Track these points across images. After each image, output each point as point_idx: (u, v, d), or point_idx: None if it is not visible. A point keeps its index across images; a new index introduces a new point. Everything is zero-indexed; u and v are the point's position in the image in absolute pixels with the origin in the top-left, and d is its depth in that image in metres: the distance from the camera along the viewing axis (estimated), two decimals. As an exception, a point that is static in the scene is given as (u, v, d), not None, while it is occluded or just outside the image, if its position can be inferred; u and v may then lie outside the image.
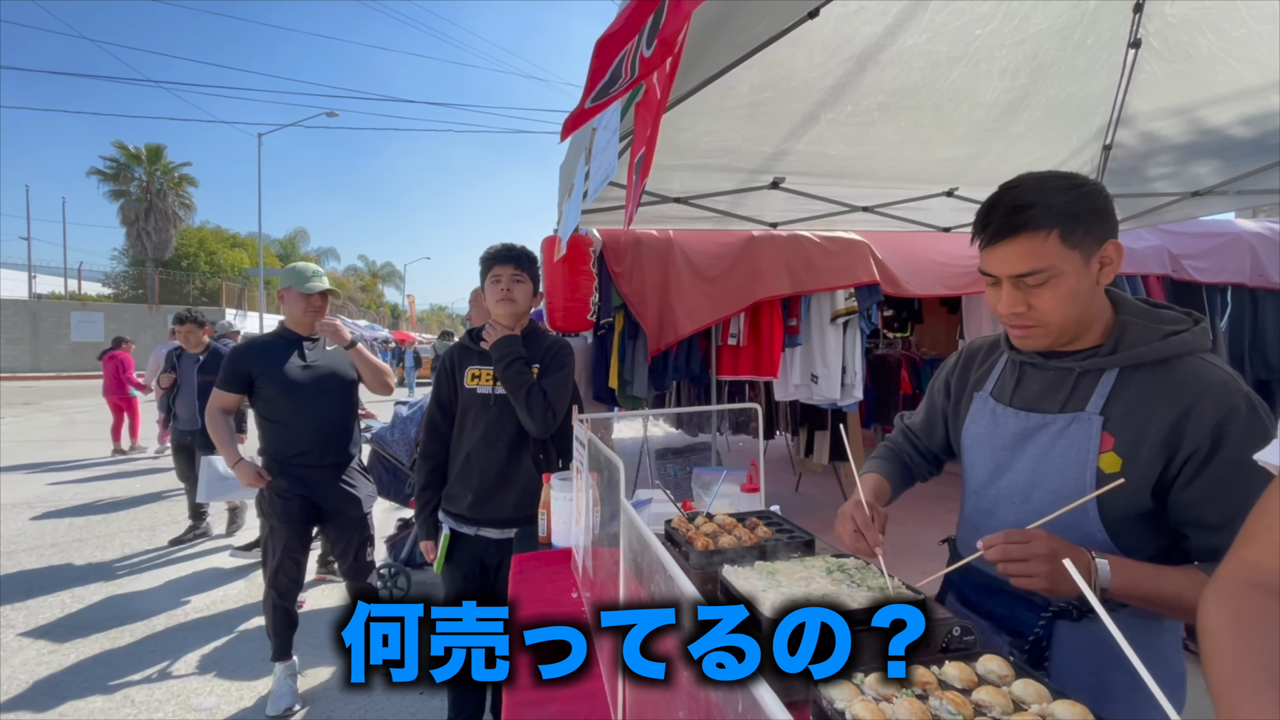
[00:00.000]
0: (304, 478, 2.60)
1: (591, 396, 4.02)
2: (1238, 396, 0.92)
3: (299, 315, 2.65)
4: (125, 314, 23.72)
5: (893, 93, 2.33)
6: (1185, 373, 0.96)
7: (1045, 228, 0.95)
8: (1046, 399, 1.08)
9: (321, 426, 2.63)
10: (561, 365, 2.09)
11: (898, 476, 1.38)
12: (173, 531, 4.99)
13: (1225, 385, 0.94)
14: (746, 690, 0.40)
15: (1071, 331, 1.03)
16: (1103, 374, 1.03)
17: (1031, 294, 0.99)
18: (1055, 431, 1.04)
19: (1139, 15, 2.06)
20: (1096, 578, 0.90)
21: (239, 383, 2.57)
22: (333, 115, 21.81)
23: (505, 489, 2.06)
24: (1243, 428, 0.90)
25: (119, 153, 28.67)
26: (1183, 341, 0.98)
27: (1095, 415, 1.00)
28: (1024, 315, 1.01)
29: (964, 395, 1.27)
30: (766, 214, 3.79)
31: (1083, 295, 0.99)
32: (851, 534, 1.17)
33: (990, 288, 1.06)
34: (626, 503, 0.86)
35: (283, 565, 2.59)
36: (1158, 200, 3.35)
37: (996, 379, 1.19)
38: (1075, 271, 0.97)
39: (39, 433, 10.15)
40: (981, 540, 0.97)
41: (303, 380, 2.59)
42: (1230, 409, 0.91)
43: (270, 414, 2.59)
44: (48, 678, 2.90)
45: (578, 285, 3.60)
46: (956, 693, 0.78)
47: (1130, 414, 0.98)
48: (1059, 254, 0.95)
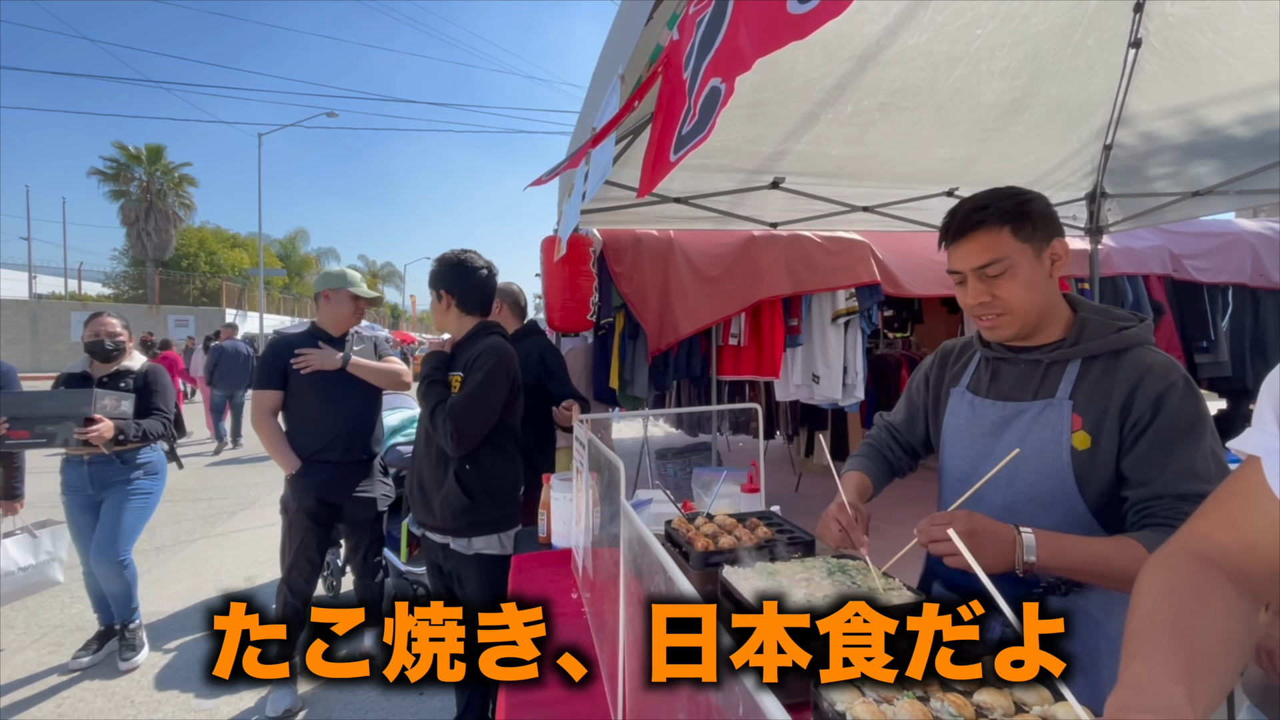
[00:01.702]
0: (325, 475, 2.60)
1: (592, 396, 4.02)
2: (1176, 374, 1.06)
3: (345, 315, 2.71)
4: (125, 314, 23.35)
5: (893, 93, 2.33)
6: (1135, 359, 1.10)
7: (998, 224, 1.11)
8: (1020, 389, 1.20)
9: (347, 424, 2.65)
10: (474, 377, 2.00)
11: (879, 473, 1.47)
12: (173, 531, 4.98)
13: (1167, 367, 1.08)
14: (746, 691, 0.40)
15: (1034, 322, 1.16)
16: (1068, 364, 1.16)
17: (994, 284, 1.13)
18: (1031, 416, 1.16)
19: (1139, 15, 2.06)
20: (1021, 550, 0.98)
21: (277, 378, 2.57)
22: (333, 115, 21.81)
23: (432, 498, 2.10)
24: (1178, 400, 1.04)
25: (119, 153, 28.68)
26: (1133, 334, 1.12)
27: (1065, 399, 1.13)
28: (990, 305, 1.15)
29: (941, 391, 1.37)
30: (767, 214, 3.79)
31: (1039, 285, 1.13)
32: (837, 534, 1.24)
33: (959, 286, 1.19)
34: (626, 503, 0.86)
35: (296, 563, 2.60)
36: (1158, 200, 3.35)
37: (971, 375, 1.31)
38: (1029, 263, 1.12)
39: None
40: (916, 527, 1.05)
41: (330, 377, 2.61)
42: (1169, 384, 1.05)
43: (299, 409, 2.62)
44: (48, 678, 2.90)
45: (578, 285, 3.60)
46: (958, 694, 0.78)
47: (1093, 396, 1.11)
48: (1012, 246, 1.11)
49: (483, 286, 2.16)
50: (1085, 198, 3.41)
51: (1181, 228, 4.46)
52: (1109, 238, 4.07)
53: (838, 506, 1.26)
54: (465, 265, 2.12)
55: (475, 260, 2.14)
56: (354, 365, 2.66)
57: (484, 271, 2.16)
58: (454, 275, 2.12)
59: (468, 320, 2.15)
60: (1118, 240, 4.34)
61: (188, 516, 5.46)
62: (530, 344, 2.74)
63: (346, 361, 2.65)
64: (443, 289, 2.13)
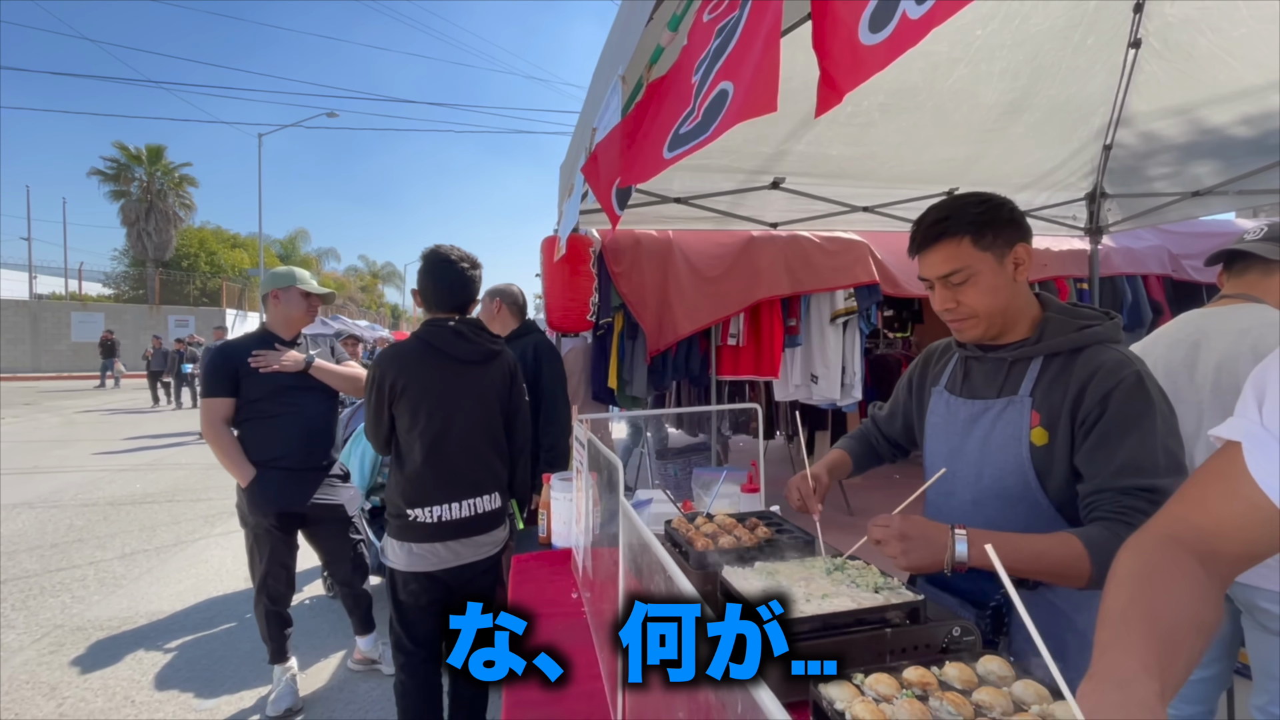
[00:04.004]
0: (283, 483, 2.49)
1: (591, 396, 4.02)
2: (1128, 371, 1.07)
3: (297, 315, 2.59)
4: (126, 314, 23.73)
5: (893, 93, 2.33)
6: (1090, 356, 1.12)
7: (958, 234, 1.15)
8: (988, 387, 1.25)
9: (305, 428, 2.54)
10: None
11: (862, 454, 1.58)
12: (173, 531, 4.99)
13: (1119, 364, 1.09)
14: (746, 691, 0.40)
15: (1000, 322, 1.20)
16: (1030, 362, 1.19)
17: (957, 291, 1.17)
18: (995, 414, 1.20)
19: (1139, 15, 2.06)
20: (951, 552, 1.00)
21: (227, 385, 2.45)
22: (333, 115, 21.82)
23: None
24: (1125, 395, 1.06)
25: (119, 153, 28.66)
26: (1094, 333, 1.14)
27: (1026, 397, 1.17)
28: (955, 310, 1.20)
29: (924, 391, 1.42)
30: (766, 214, 3.79)
31: (1001, 290, 1.16)
32: (796, 500, 1.40)
33: (929, 291, 1.24)
34: (626, 503, 0.86)
35: (271, 572, 2.54)
36: (1158, 200, 3.35)
37: (949, 374, 1.35)
38: (990, 270, 1.15)
39: (39, 433, 10.16)
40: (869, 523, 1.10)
41: (287, 381, 2.51)
42: (1119, 380, 1.07)
43: (252, 415, 2.49)
44: (48, 678, 2.90)
45: (577, 285, 3.59)
46: (957, 693, 0.78)
47: (1050, 393, 1.14)
48: (972, 255, 1.14)
49: (437, 284, 2.07)
50: (1085, 198, 3.41)
51: (1180, 228, 4.46)
52: (1108, 238, 4.06)
53: (800, 477, 1.42)
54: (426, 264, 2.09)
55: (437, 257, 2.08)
56: (317, 368, 2.56)
57: (447, 268, 2.07)
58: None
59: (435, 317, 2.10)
60: (1117, 240, 4.34)
61: (188, 516, 5.46)
62: (525, 343, 2.73)
63: (309, 364, 2.54)
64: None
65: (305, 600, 3.68)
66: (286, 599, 2.62)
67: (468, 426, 2.05)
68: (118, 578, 4.10)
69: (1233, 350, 1.63)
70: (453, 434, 2.01)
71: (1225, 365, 1.64)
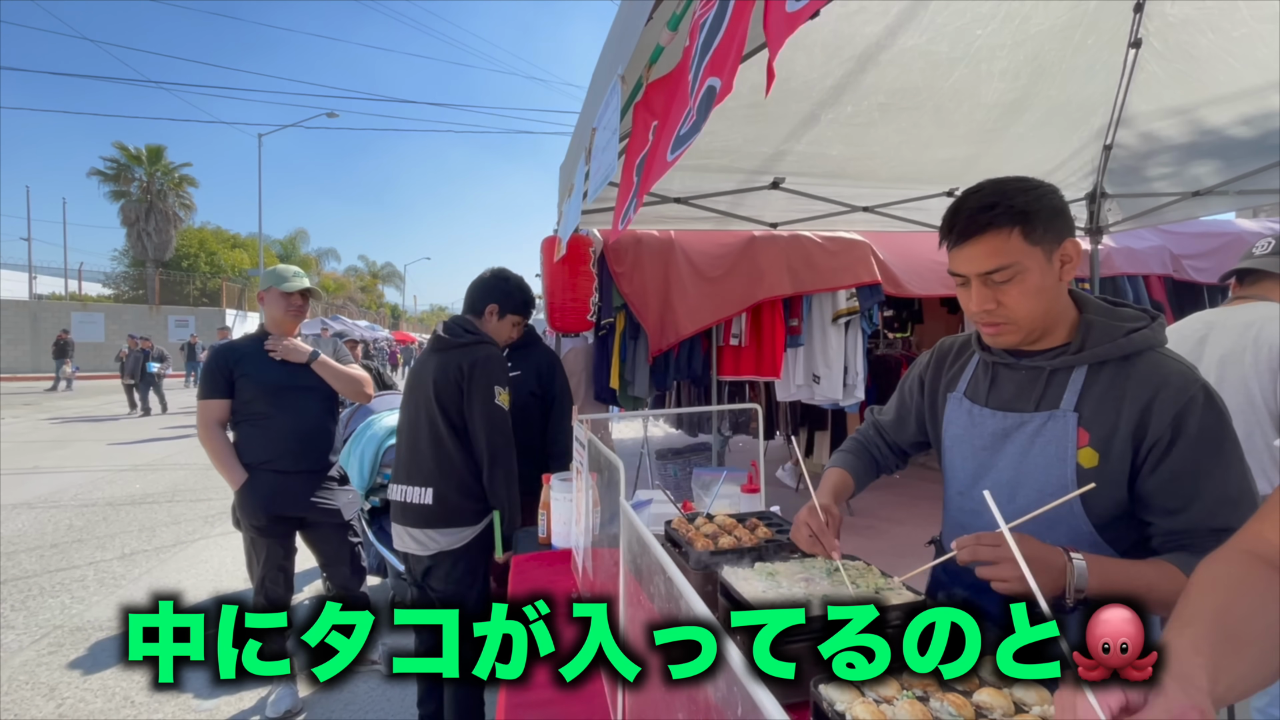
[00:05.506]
0: (275, 486, 2.46)
1: (593, 397, 4.02)
2: (1195, 387, 0.97)
3: (280, 316, 2.55)
4: (126, 314, 23.73)
5: (893, 93, 2.33)
6: (1147, 367, 1.01)
7: (1008, 226, 0.99)
8: (1021, 398, 1.11)
9: (299, 430, 2.52)
10: None
11: (863, 470, 1.41)
12: (173, 531, 4.99)
13: (1184, 377, 0.98)
14: (745, 691, 0.40)
15: (1040, 328, 1.07)
16: (1072, 371, 1.06)
17: (999, 291, 1.02)
18: (1033, 430, 1.07)
19: (1139, 15, 2.06)
20: (1073, 578, 0.91)
21: (222, 386, 2.45)
22: (333, 116, 21.85)
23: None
24: (1200, 417, 0.95)
25: (119, 153, 28.70)
26: (1143, 338, 1.03)
27: (1070, 412, 1.04)
28: (994, 312, 1.04)
29: (938, 394, 1.29)
30: (767, 214, 3.79)
31: (1047, 291, 1.02)
32: (807, 539, 1.19)
33: (960, 288, 1.09)
34: (626, 504, 0.86)
35: (268, 575, 2.53)
36: (1158, 200, 3.35)
37: (969, 380, 1.22)
38: (1039, 268, 1.01)
39: (39, 433, 10.16)
40: (955, 541, 0.98)
41: (282, 382, 2.49)
42: (1189, 399, 0.96)
43: (247, 417, 2.48)
44: (47, 678, 2.90)
45: (578, 285, 3.60)
46: (958, 694, 0.78)
47: (1101, 409, 1.02)
48: (1022, 250, 0.99)
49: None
50: (1085, 198, 3.41)
51: (1181, 228, 4.46)
52: (1109, 238, 4.07)
53: (809, 510, 1.21)
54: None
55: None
56: (320, 363, 2.55)
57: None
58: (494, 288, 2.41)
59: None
60: (1118, 240, 4.34)
61: (188, 516, 5.46)
62: (539, 351, 2.68)
63: (315, 358, 2.54)
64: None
65: (305, 601, 3.67)
66: (285, 601, 2.61)
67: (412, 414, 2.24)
68: (117, 578, 4.10)
69: (1236, 344, 1.64)
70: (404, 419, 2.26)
71: (1229, 358, 1.65)
